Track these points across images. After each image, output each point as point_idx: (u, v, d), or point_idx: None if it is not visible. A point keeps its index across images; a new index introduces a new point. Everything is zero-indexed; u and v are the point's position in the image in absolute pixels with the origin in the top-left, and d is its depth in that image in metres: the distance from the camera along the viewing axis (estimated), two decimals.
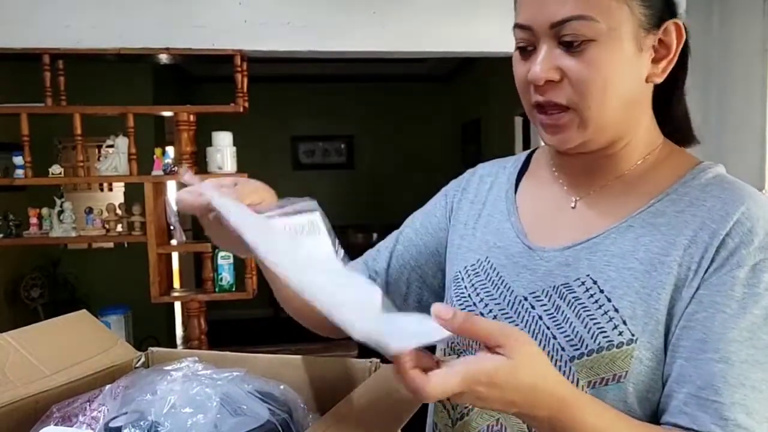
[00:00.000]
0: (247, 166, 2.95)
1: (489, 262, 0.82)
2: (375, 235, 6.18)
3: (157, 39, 2.75)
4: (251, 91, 2.87)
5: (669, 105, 0.79)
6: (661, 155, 0.78)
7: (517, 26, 0.71)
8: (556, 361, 0.72)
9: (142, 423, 0.60)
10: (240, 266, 2.86)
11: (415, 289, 0.95)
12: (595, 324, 0.70)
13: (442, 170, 5.10)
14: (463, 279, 0.84)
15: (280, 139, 6.60)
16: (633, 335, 0.68)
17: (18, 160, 2.71)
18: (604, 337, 0.69)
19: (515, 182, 0.88)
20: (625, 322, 0.69)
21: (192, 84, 5.93)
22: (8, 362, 0.76)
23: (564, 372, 0.71)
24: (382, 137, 6.76)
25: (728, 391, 0.62)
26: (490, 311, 0.79)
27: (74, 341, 0.84)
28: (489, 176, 0.92)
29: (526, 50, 0.71)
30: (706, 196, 0.71)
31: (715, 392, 0.63)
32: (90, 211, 2.86)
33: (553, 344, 0.73)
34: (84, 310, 0.93)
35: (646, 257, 0.71)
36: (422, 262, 0.94)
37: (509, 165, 0.92)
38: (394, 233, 0.99)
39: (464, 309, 0.81)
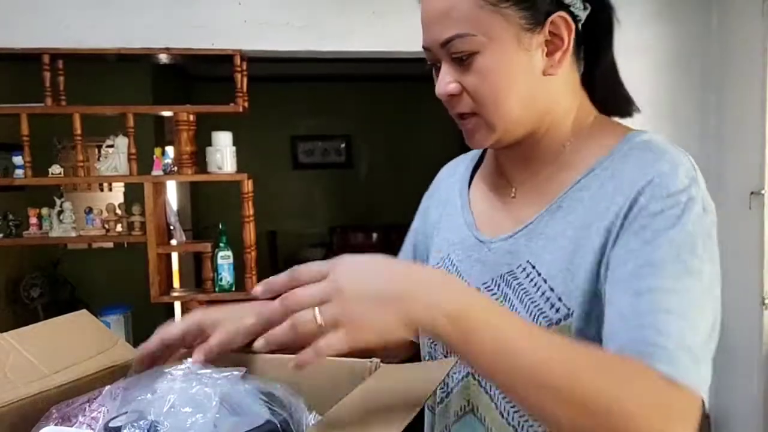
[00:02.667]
0: (246, 166, 2.95)
1: (449, 258, 0.87)
2: (374, 235, 6.18)
3: (157, 39, 2.75)
4: (251, 91, 2.87)
5: (593, 82, 0.83)
6: (592, 132, 0.81)
7: (423, 48, 0.78)
8: None
9: (141, 423, 0.60)
10: (240, 266, 2.86)
11: None
12: (535, 307, 0.74)
13: None
14: None
15: (280, 139, 6.59)
16: (569, 309, 0.72)
17: (18, 160, 2.71)
18: (544, 317, 0.74)
19: (470, 177, 0.93)
20: (560, 299, 0.73)
21: (192, 84, 5.93)
22: (8, 362, 0.76)
23: None
24: (382, 137, 6.76)
25: (641, 318, 0.64)
26: None
27: (74, 341, 0.84)
28: (450, 176, 0.98)
29: (436, 67, 0.78)
30: (624, 166, 0.74)
31: (628, 320, 0.65)
32: (90, 211, 2.86)
33: None
34: (84, 310, 0.93)
35: (573, 234, 0.74)
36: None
37: (468, 160, 0.97)
38: (406, 239, 1.03)
39: None
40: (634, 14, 3.06)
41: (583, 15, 0.77)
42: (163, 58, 2.92)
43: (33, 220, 2.79)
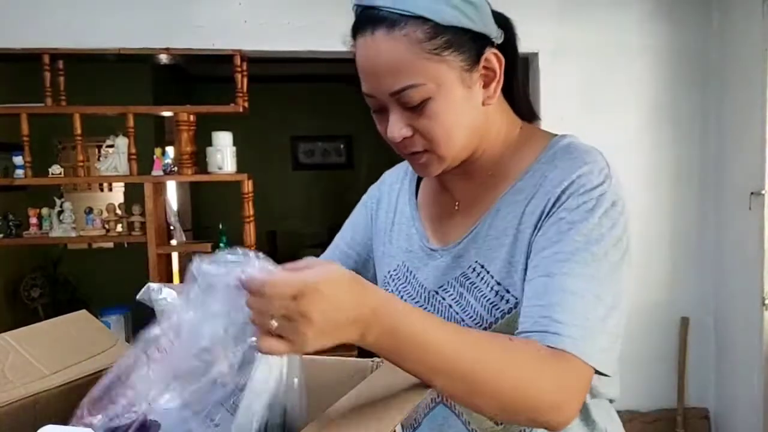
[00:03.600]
0: (246, 166, 2.95)
1: (405, 265, 0.95)
2: None
3: (157, 39, 2.75)
4: (251, 91, 2.87)
5: (512, 97, 0.91)
6: (521, 141, 0.89)
7: (364, 94, 0.83)
8: None
9: (139, 420, 0.60)
10: None
11: None
12: (488, 301, 0.83)
13: None
14: (389, 283, 0.97)
15: (280, 139, 6.59)
16: (516, 299, 0.81)
17: (18, 160, 2.71)
18: (497, 309, 0.82)
19: (416, 188, 1.00)
20: (508, 291, 0.82)
21: (192, 84, 5.92)
22: (8, 362, 0.76)
23: None
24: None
25: (548, 297, 0.74)
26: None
27: (74, 341, 0.84)
28: (396, 183, 1.04)
29: (380, 111, 0.83)
30: (550, 168, 0.82)
31: (538, 299, 0.75)
32: (90, 211, 2.86)
33: (464, 326, 0.84)
34: (84, 311, 0.93)
35: (512, 232, 0.83)
36: (358, 270, 1.00)
37: (410, 171, 1.02)
38: (330, 247, 1.08)
39: None
40: (634, 14, 3.06)
41: (500, 40, 0.84)
42: (163, 58, 2.93)
43: (33, 220, 2.80)
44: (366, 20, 0.79)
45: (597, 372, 0.72)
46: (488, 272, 0.84)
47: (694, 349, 3.16)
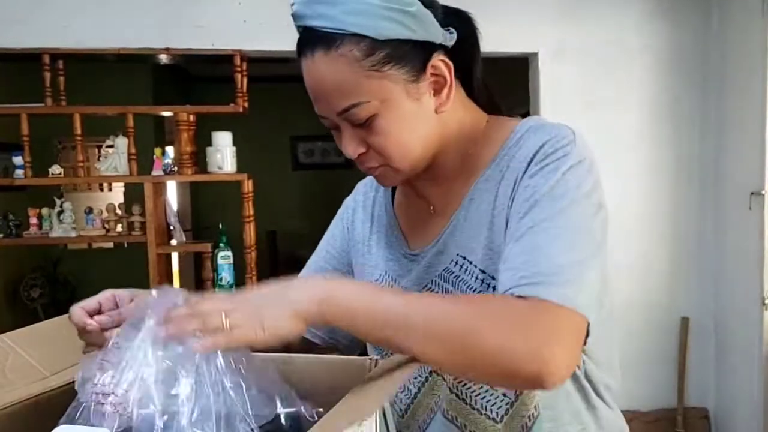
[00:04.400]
0: (246, 166, 2.95)
1: (388, 274, 0.93)
2: None
3: (157, 39, 2.75)
4: (251, 91, 2.87)
5: (472, 91, 0.89)
6: (488, 132, 0.87)
7: (317, 114, 0.82)
8: None
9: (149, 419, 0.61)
10: (240, 266, 2.86)
11: None
12: (474, 291, 0.81)
13: None
14: None
15: (280, 139, 6.59)
16: None
17: (18, 160, 2.71)
18: None
19: (391, 195, 0.99)
20: (492, 277, 0.79)
21: (192, 84, 5.92)
22: (8, 363, 0.76)
23: None
24: None
25: (519, 258, 0.72)
26: None
27: (73, 342, 0.84)
28: (371, 191, 1.03)
29: (335, 129, 0.83)
30: (517, 149, 0.81)
31: (509, 263, 0.73)
32: (90, 211, 2.86)
33: None
34: None
35: (487, 218, 0.81)
36: None
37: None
38: (308, 264, 1.06)
39: None
40: (634, 14, 3.06)
41: (451, 42, 0.81)
42: (163, 58, 2.93)
43: (33, 220, 2.80)
44: (305, 41, 0.78)
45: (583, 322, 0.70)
46: (470, 262, 0.82)
47: (694, 349, 3.16)
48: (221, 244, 2.85)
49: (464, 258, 0.83)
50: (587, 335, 0.71)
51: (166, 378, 0.63)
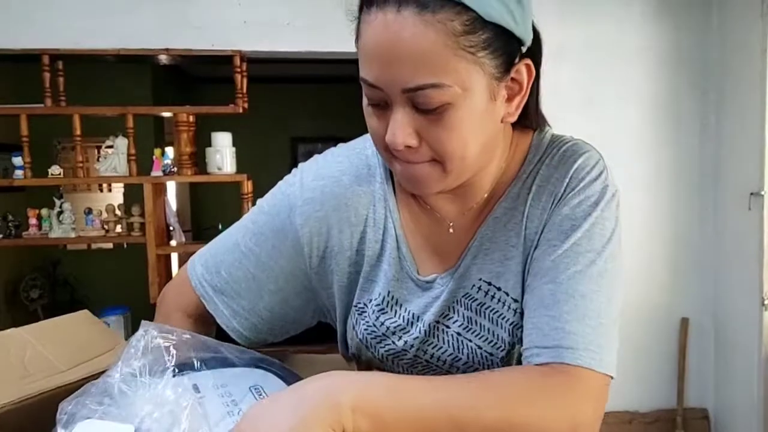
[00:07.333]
0: (246, 167, 2.95)
1: (391, 296, 0.80)
2: None
3: (157, 40, 2.75)
4: (251, 92, 2.87)
5: (527, 112, 0.77)
6: (512, 151, 0.79)
7: (365, 82, 0.66)
8: (488, 366, 0.77)
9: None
10: None
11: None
12: (504, 320, 0.75)
13: None
14: (366, 312, 0.81)
15: (280, 140, 6.59)
16: None
17: (17, 160, 2.71)
18: (517, 328, 0.75)
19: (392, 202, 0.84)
20: (517, 301, 0.75)
21: (191, 84, 5.92)
22: (26, 356, 0.77)
23: None
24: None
25: (557, 306, 0.69)
26: (411, 346, 0.80)
27: (82, 339, 0.85)
28: (363, 195, 0.82)
29: (379, 106, 0.68)
30: (541, 166, 0.76)
31: (546, 309, 0.69)
32: (89, 211, 2.85)
33: (480, 353, 0.77)
34: (85, 310, 0.93)
35: (516, 240, 0.76)
36: (292, 317, 0.88)
37: (376, 182, 0.82)
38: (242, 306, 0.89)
39: (385, 350, 0.81)
40: (634, 14, 3.06)
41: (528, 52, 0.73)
42: (163, 58, 2.92)
43: (33, 221, 2.79)
44: None
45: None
46: (498, 288, 0.76)
47: (693, 350, 3.16)
48: None
49: (489, 283, 0.76)
50: None
51: None
